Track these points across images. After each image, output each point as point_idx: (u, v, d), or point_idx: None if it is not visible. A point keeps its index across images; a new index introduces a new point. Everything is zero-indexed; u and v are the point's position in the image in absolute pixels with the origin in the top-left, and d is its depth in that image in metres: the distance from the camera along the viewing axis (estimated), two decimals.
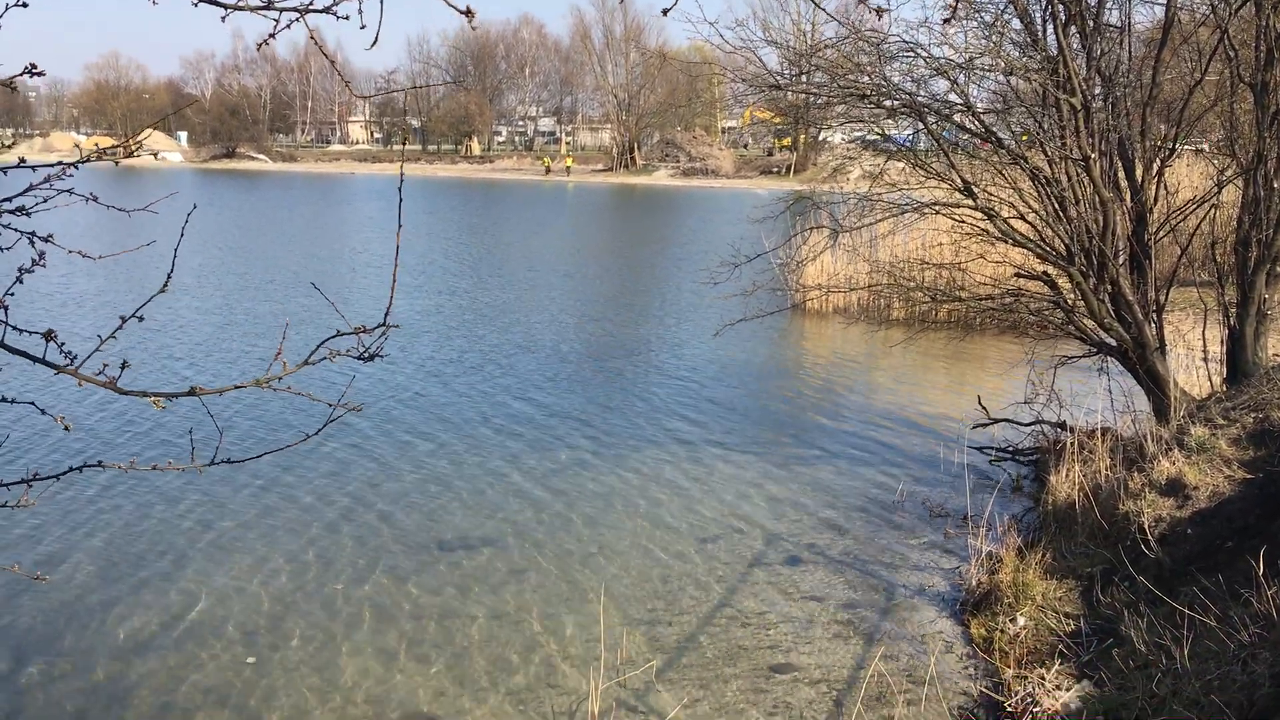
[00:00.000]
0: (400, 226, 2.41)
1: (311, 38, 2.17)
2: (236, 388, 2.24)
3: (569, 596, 8.98)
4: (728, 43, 11.86)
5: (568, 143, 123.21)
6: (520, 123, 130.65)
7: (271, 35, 2.27)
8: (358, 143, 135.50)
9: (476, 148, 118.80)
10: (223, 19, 2.07)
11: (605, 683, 7.39)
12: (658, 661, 7.81)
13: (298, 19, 2.20)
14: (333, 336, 2.31)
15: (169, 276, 2.16)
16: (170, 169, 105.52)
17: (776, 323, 21.11)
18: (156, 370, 17.26)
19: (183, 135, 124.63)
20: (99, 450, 12.88)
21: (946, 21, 11.69)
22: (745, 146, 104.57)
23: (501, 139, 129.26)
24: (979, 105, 11.53)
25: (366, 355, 2.35)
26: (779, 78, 12.44)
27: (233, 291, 25.94)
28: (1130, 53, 11.56)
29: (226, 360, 18.19)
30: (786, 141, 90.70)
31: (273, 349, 2.52)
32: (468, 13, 2.06)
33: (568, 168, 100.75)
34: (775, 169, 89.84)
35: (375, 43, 1.92)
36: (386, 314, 2.25)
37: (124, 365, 2.06)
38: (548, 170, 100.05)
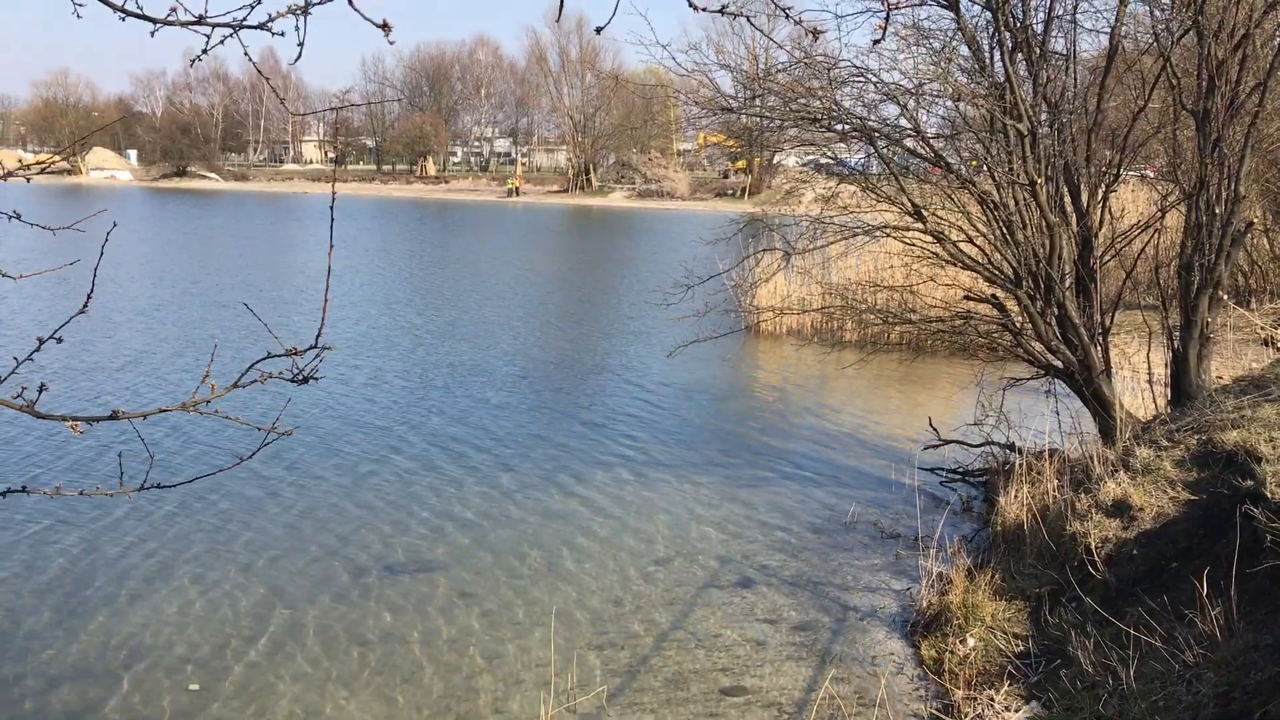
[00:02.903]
0: (332, 246, 2.37)
1: (245, 54, 2.13)
2: (161, 411, 2.18)
3: (519, 621, 8.89)
4: (681, 66, 11.92)
5: (524, 164, 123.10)
6: (476, 143, 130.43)
7: (204, 51, 2.23)
8: (311, 162, 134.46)
9: (432, 168, 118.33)
10: (151, 34, 2.02)
11: (555, 708, 7.32)
12: (609, 686, 7.74)
13: (231, 34, 2.16)
14: (264, 358, 2.26)
15: (89, 297, 2.10)
16: (120, 187, 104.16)
17: (730, 344, 21.16)
18: (82, 394, 16.88)
19: (133, 154, 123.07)
20: (24, 474, 12.56)
21: (876, 43, 11.86)
22: (704, 168, 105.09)
23: (457, 159, 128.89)
24: (929, 130, 11.67)
25: (301, 378, 2.30)
26: (732, 101, 12.52)
27: (170, 313, 25.54)
28: (1075, 80, 11.76)
29: (157, 383, 17.84)
30: (741, 164, 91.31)
31: (201, 371, 2.45)
32: (384, 26, 2.03)
33: (516, 188, 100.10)
34: (730, 191, 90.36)
35: (299, 58, 1.88)
36: (319, 335, 2.20)
37: (41, 388, 1.99)
38: (514, 192, 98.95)
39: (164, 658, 8.12)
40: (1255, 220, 18.29)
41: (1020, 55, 11.20)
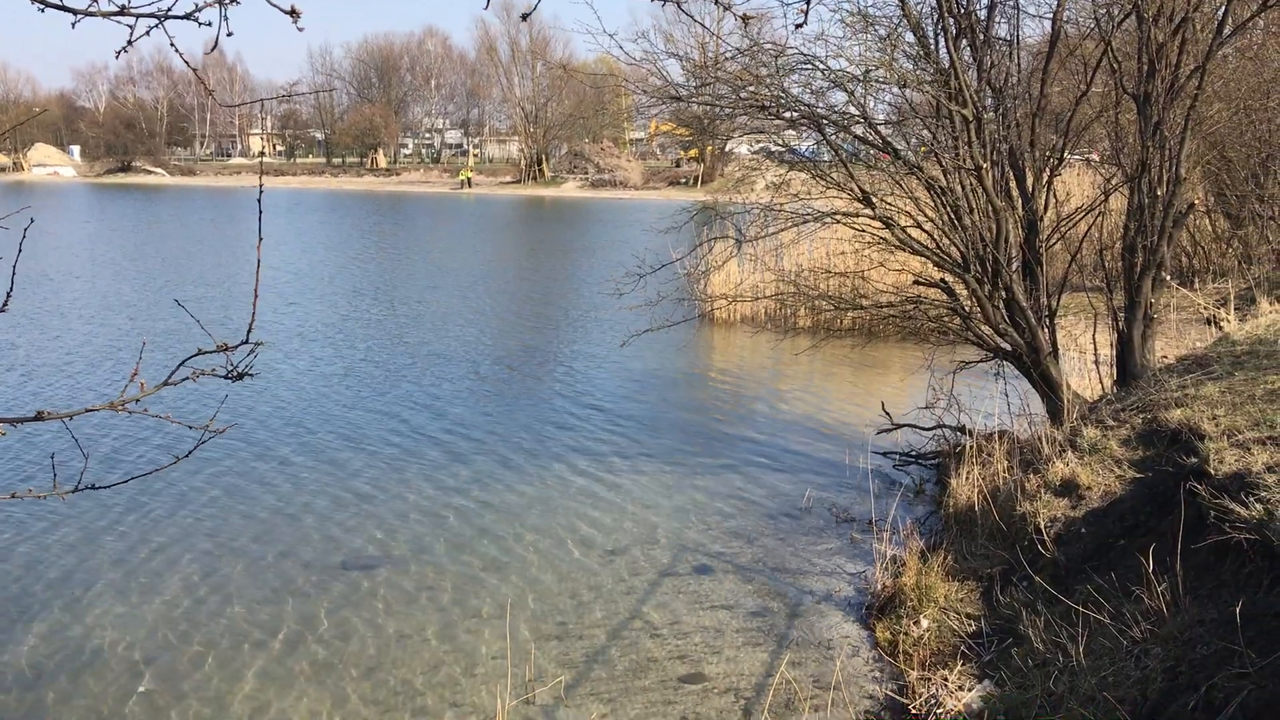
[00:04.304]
0: (260, 239, 2.33)
1: (172, 45, 2.09)
2: (89, 410, 2.13)
3: (474, 613, 8.85)
4: (629, 55, 11.87)
5: (475, 155, 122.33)
6: (427, 135, 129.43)
7: (129, 43, 2.17)
8: (259, 155, 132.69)
9: (383, 160, 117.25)
10: (73, 25, 1.98)
11: (513, 700, 7.30)
12: (566, 677, 7.73)
13: (156, 25, 2.11)
14: (195, 355, 2.22)
15: (8, 295, 2.04)
16: (63, 184, 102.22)
17: (684, 333, 21.18)
18: (7, 396, 16.53)
19: (75, 149, 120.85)
20: None
21: (799, 27, 11.89)
22: (656, 157, 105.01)
23: (408, 151, 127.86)
24: (876, 117, 11.73)
25: (235, 374, 2.26)
26: (682, 90, 12.50)
27: (107, 311, 25.01)
28: (1019, 65, 11.87)
29: (90, 383, 17.48)
30: (694, 153, 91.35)
31: (142, 369, 2.40)
32: (292, 13, 2.00)
33: (468, 179, 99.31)
34: (683, 180, 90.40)
35: (215, 47, 1.84)
36: (249, 330, 2.16)
37: None
38: (466, 184, 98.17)
39: (113, 659, 8.00)
40: (1197, 202, 18.59)
41: (965, 41, 11.29)
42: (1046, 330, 11.60)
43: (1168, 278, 11.82)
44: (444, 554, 10.18)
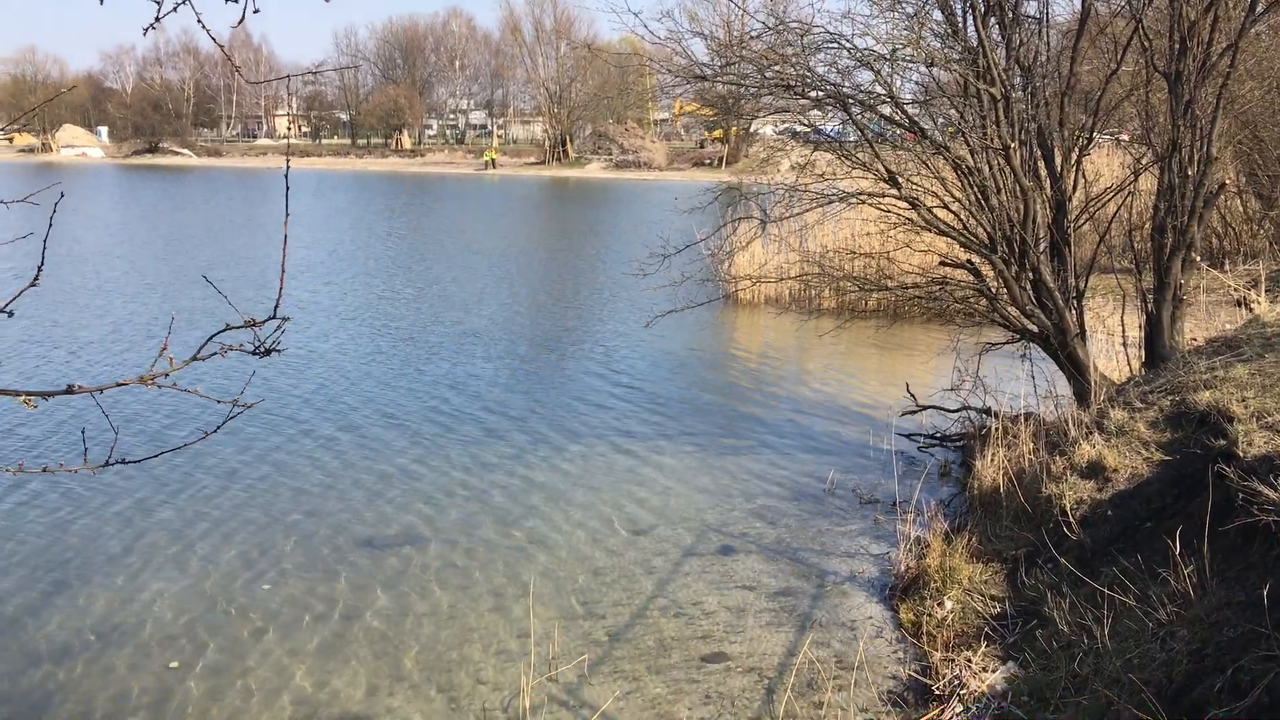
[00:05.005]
0: (288, 215, 2.34)
1: (199, 21, 2.09)
2: (119, 385, 2.15)
3: (499, 592, 8.91)
4: (654, 34, 11.82)
5: (500, 136, 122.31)
6: (451, 116, 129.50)
7: (157, 18, 2.18)
8: (285, 137, 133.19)
9: (407, 141, 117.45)
10: (100, 1, 1.98)
11: (536, 678, 7.34)
12: (590, 655, 7.77)
13: (183, 2, 2.12)
14: (222, 330, 2.23)
15: (39, 269, 2.06)
16: (91, 164, 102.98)
17: (708, 313, 21.16)
18: (40, 370, 16.80)
19: (103, 130, 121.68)
20: None
21: None
22: (680, 138, 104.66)
23: (433, 132, 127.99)
24: (903, 96, 11.64)
25: (262, 350, 2.28)
26: (706, 69, 12.44)
27: (136, 288, 25.30)
28: (1048, 44, 11.75)
29: (120, 357, 17.81)
30: (718, 133, 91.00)
31: (177, 345, 2.43)
32: None
33: (492, 160, 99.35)
34: (708, 161, 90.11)
35: (242, 20, 1.84)
36: (276, 306, 2.18)
37: None
38: (490, 165, 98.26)
39: (142, 635, 8.10)
40: (1228, 182, 18.37)
41: (993, 19, 11.18)
42: (1074, 311, 11.51)
43: (1198, 259, 11.71)
44: (469, 532, 10.23)
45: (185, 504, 10.91)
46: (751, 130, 76.60)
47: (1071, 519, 7.89)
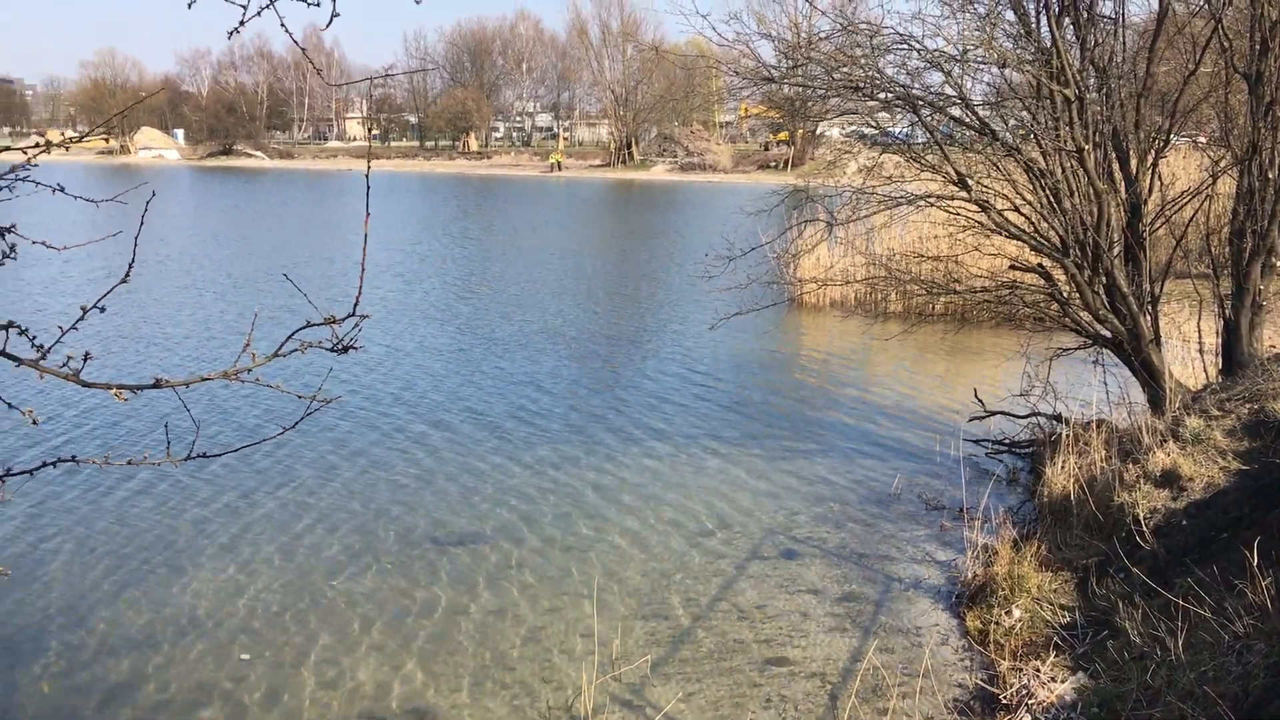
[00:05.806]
0: (368, 215, 2.38)
1: (282, 25, 2.15)
2: (204, 379, 2.22)
3: (563, 591, 8.96)
4: (721, 37, 11.81)
5: (566, 138, 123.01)
6: (518, 118, 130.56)
7: (242, 23, 2.24)
8: (355, 139, 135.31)
9: (474, 144, 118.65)
10: (189, 4, 2.04)
11: (599, 677, 7.38)
12: (652, 656, 7.79)
13: (268, 6, 2.17)
14: (303, 328, 2.28)
15: (130, 266, 2.13)
16: (167, 166, 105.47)
17: (773, 316, 21.08)
18: (128, 365, 17.31)
19: (179, 133, 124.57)
20: (69, 445, 12.80)
21: None
22: (746, 141, 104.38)
23: (499, 135, 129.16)
24: (973, 98, 11.50)
25: (340, 347, 2.33)
26: (774, 71, 12.40)
27: (217, 286, 26.01)
28: (1124, 44, 11.53)
29: (200, 354, 18.31)
30: (784, 136, 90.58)
31: (255, 341, 2.48)
32: None
33: (558, 162, 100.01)
34: (773, 163, 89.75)
35: (330, 23, 1.89)
36: (356, 304, 2.22)
37: (86, 357, 2.03)
38: (555, 167, 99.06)
39: (214, 627, 8.28)
40: None
41: (1067, 19, 11.00)
42: (1149, 317, 11.29)
43: (1278, 264, 11.41)
44: (535, 532, 10.31)
45: (249, 499, 11.12)
46: (817, 132, 76.11)
47: (1145, 528, 7.74)
